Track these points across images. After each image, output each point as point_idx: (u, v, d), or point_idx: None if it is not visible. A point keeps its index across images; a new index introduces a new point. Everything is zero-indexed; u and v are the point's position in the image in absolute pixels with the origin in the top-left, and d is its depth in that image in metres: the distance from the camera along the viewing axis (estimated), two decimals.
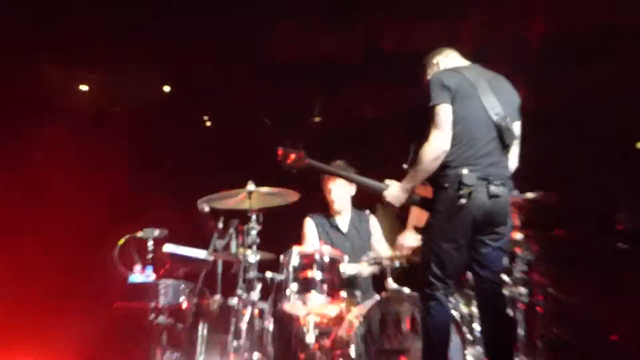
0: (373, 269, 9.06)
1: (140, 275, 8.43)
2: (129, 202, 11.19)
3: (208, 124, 12.49)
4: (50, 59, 11.46)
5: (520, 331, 8.29)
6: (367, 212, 9.69)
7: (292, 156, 7.52)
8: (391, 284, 8.51)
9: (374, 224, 9.70)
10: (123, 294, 8.53)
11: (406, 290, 8.38)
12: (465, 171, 6.78)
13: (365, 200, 9.55)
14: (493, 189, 6.83)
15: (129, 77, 11.91)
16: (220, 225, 8.53)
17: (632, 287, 10.24)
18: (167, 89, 12.28)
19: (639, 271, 10.03)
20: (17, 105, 11.13)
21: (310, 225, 9.56)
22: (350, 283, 8.82)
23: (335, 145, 11.29)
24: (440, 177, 6.90)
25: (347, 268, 8.68)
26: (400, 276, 8.58)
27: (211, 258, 8.64)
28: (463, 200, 6.77)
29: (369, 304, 8.50)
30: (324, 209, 9.65)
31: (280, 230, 9.16)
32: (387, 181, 7.21)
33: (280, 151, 7.58)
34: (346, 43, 11.52)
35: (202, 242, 8.63)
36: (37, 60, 11.33)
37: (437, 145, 6.82)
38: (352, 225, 9.61)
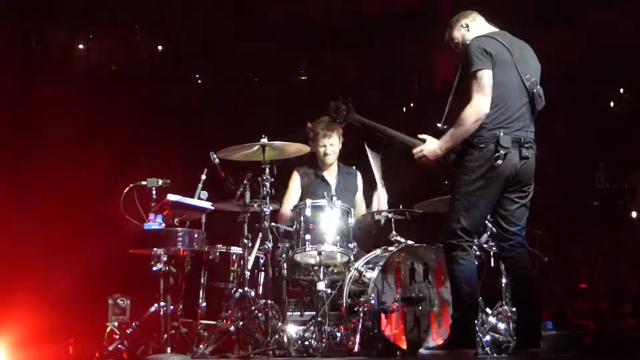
0: None
1: (154, 223, 7.97)
2: (130, 154, 10.78)
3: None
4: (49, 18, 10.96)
5: (504, 280, 8.25)
6: (354, 167, 9.41)
7: (342, 109, 7.33)
8: (395, 236, 8.33)
9: (360, 180, 9.41)
10: (139, 241, 8.01)
11: (410, 242, 8.23)
12: (502, 133, 6.74)
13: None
14: (524, 151, 6.81)
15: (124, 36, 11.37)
16: (204, 176, 8.29)
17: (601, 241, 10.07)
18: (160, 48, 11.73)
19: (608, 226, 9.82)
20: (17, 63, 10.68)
21: (295, 179, 9.28)
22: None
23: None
24: (475, 137, 6.83)
25: None
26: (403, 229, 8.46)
27: (212, 208, 8.29)
28: (499, 161, 6.72)
29: (372, 254, 8.25)
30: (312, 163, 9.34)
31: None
32: (422, 136, 7.12)
33: (331, 104, 7.39)
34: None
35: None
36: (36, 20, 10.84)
37: (480, 109, 6.75)
38: (340, 179, 9.29)
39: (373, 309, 7.64)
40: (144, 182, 8.24)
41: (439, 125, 7.08)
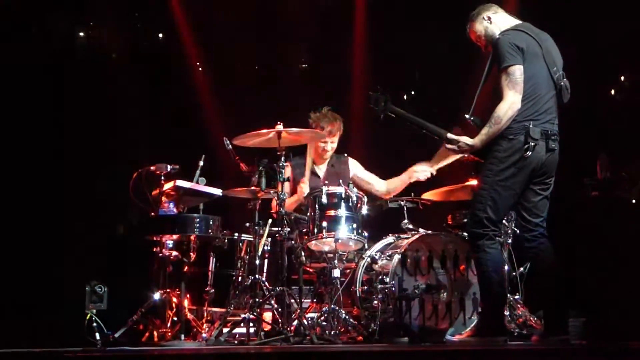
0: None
1: (167, 209, 7.83)
2: (129, 142, 10.47)
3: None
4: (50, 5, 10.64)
5: (506, 267, 8.09)
6: (345, 154, 9.28)
7: (381, 101, 7.16)
8: (407, 224, 8.32)
9: (353, 163, 9.27)
10: (155, 227, 7.89)
11: (428, 230, 8.19)
12: (531, 125, 6.70)
13: None
14: (550, 143, 6.79)
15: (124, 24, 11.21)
16: (202, 162, 8.24)
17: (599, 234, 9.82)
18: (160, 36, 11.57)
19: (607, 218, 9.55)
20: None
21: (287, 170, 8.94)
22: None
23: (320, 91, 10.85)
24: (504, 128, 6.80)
25: None
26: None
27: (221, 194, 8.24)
28: (529, 153, 6.69)
29: (384, 242, 8.21)
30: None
31: None
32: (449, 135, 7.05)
33: (370, 95, 7.23)
34: None
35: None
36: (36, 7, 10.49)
37: (513, 105, 6.71)
38: (331, 167, 9.17)
39: (395, 296, 7.54)
40: (152, 167, 8.10)
41: (466, 115, 7.03)
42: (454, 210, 8.65)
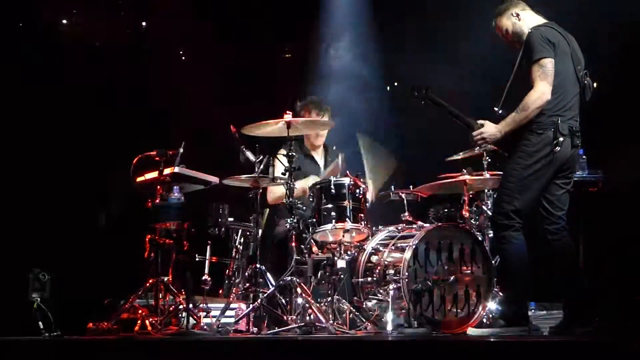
0: None
1: (174, 196, 7.73)
2: (112, 132, 10.34)
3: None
4: None
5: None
6: (334, 147, 9.18)
7: (422, 90, 7.20)
8: (407, 216, 8.32)
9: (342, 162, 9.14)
10: (165, 215, 7.74)
11: (420, 222, 8.17)
12: (560, 121, 6.77)
13: None
14: (575, 140, 6.85)
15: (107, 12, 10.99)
16: (181, 149, 8.03)
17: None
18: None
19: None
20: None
21: (281, 157, 8.89)
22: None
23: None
24: (534, 122, 6.83)
25: None
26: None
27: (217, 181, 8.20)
28: (558, 148, 6.75)
29: (384, 233, 8.17)
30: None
31: None
32: (480, 121, 7.07)
33: (413, 85, 7.25)
34: None
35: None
36: None
37: (543, 95, 6.75)
38: (328, 159, 9.14)
39: (409, 287, 7.45)
40: (152, 153, 7.98)
41: (495, 108, 7.09)
42: (436, 205, 8.58)
